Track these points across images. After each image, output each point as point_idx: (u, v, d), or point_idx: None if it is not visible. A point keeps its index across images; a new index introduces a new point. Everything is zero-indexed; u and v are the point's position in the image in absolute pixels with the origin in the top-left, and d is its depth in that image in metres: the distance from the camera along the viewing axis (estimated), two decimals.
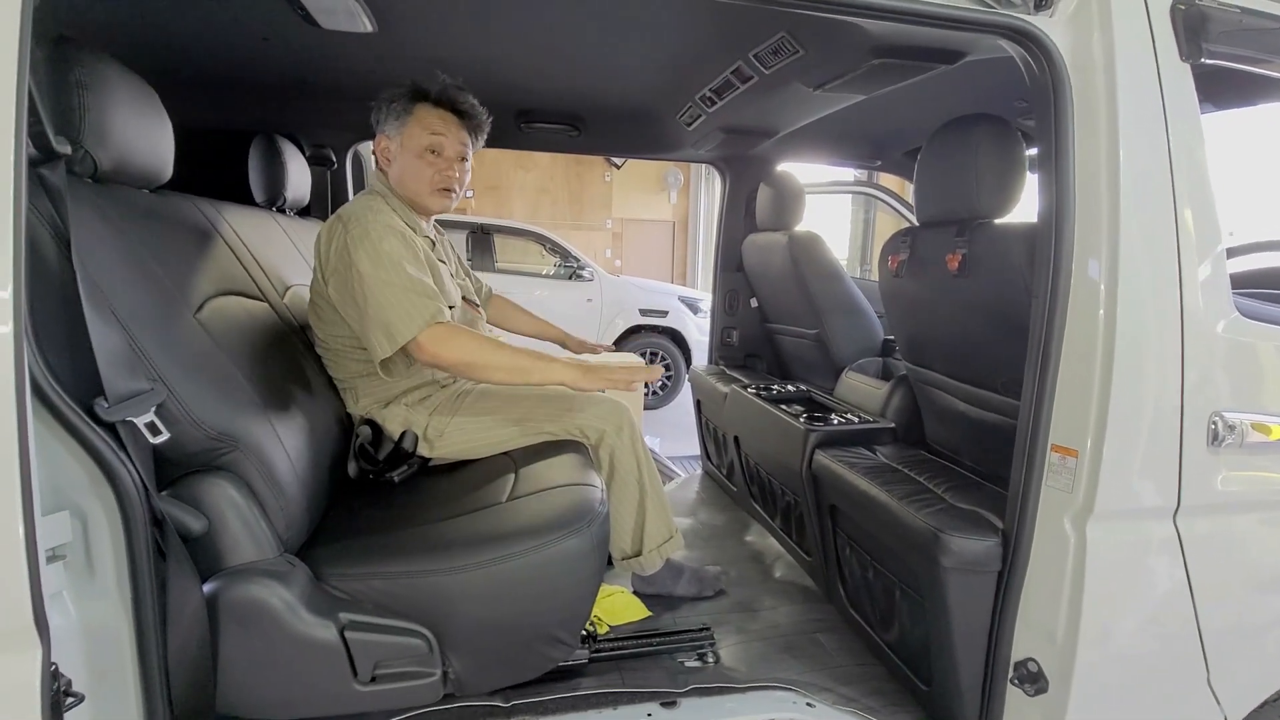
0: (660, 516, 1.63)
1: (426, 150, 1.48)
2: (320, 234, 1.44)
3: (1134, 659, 1.13)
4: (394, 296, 1.31)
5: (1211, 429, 1.08)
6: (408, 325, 1.30)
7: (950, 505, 1.28)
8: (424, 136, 1.48)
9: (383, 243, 1.34)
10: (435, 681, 1.14)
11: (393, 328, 1.30)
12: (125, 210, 1.05)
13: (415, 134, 1.48)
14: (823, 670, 1.47)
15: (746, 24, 1.41)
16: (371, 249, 1.33)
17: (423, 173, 1.49)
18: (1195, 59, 1.06)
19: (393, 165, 1.52)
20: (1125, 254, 1.02)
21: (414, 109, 1.48)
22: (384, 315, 1.31)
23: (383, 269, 1.32)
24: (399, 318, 1.30)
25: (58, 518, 0.84)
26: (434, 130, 1.48)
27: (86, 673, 0.88)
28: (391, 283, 1.31)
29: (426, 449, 1.51)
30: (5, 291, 0.71)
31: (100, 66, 0.98)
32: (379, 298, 1.31)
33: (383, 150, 1.52)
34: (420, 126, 1.48)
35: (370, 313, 1.32)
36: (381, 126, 1.51)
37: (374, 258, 1.32)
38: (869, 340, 2.29)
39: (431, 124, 1.48)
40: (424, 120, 1.48)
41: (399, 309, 1.30)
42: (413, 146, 1.48)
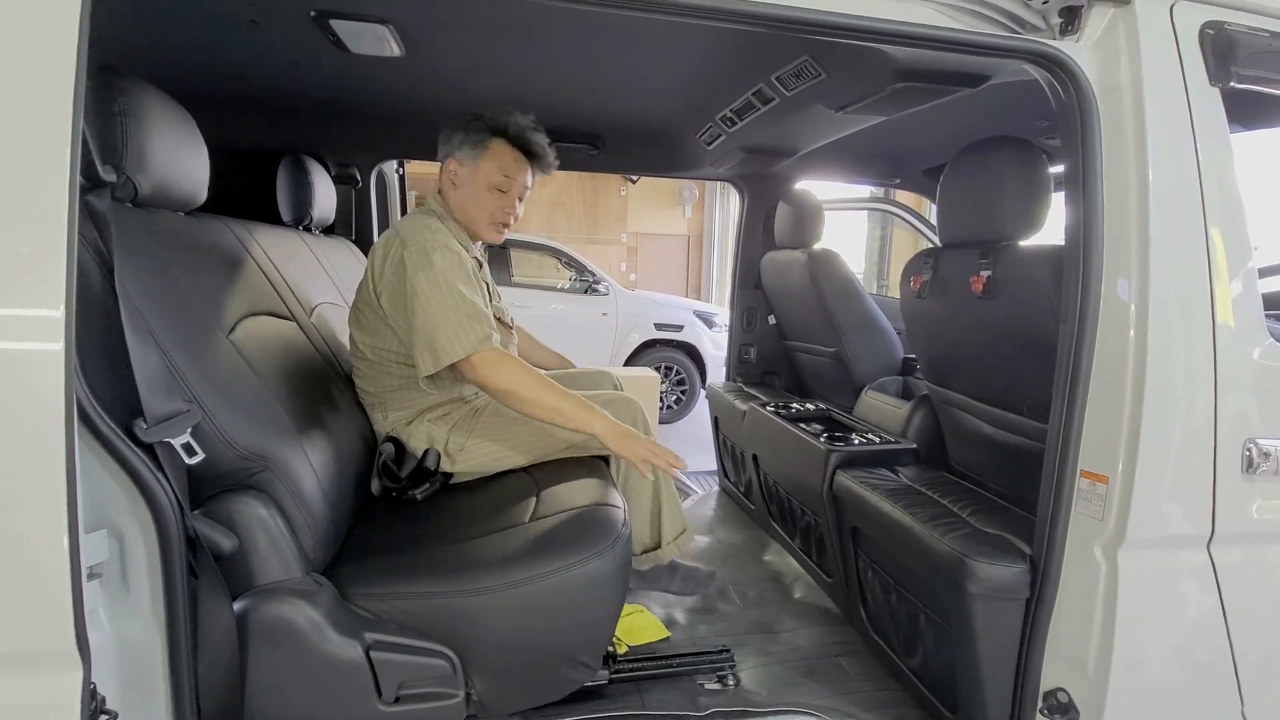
0: (674, 509, 1.67)
1: (495, 187, 1.53)
2: (376, 247, 1.47)
3: (1167, 690, 1.10)
4: (446, 317, 1.35)
5: (1246, 456, 1.06)
6: (456, 346, 1.34)
7: (976, 529, 1.26)
8: (495, 173, 1.52)
9: (440, 261, 1.38)
10: (458, 703, 1.14)
11: (439, 347, 1.34)
12: (163, 233, 1.08)
13: (488, 168, 1.52)
14: (845, 695, 1.45)
15: (769, 48, 1.43)
16: (429, 267, 1.37)
17: (486, 205, 1.54)
18: (1224, 82, 1.06)
19: (458, 190, 1.55)
20: (1156, 275, 1.01)
21: (490, 143, 1.52)
22: (432, 333, 1.35)
23: (438, 288, 1.36)
24: (448, 338, 1.34)
25: (96, 536, 0.85)
26: (506, 170, 1.53)
27: (119, 689, 0.89)
28: (445, 303, 1.35)
29: (448, 464, 1.52)
30: (57, 311, 0.73)
31: (141, 95, 1.01)
32: (431, 316, 1.35)
33: (450, 173, 1.55)
34: (494, 162, 1.52)
35: (420, 329, 1.36)
36: (453, 151, 1.54)
37: (430, 276, 1.36)
38: (889, 359, 2.28)
39: (506, 163, 1.53)
40: (499, 157, 1.52)
41: (449, 329, 1.34)
42: (483, 179, 1.52)
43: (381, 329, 1.48)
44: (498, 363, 1.36)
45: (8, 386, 0.72)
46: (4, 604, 0.74)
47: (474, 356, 1.34)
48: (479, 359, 1.35)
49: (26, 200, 0.72)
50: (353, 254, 2.30)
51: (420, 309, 1.35)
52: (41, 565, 0.74)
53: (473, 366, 1.35)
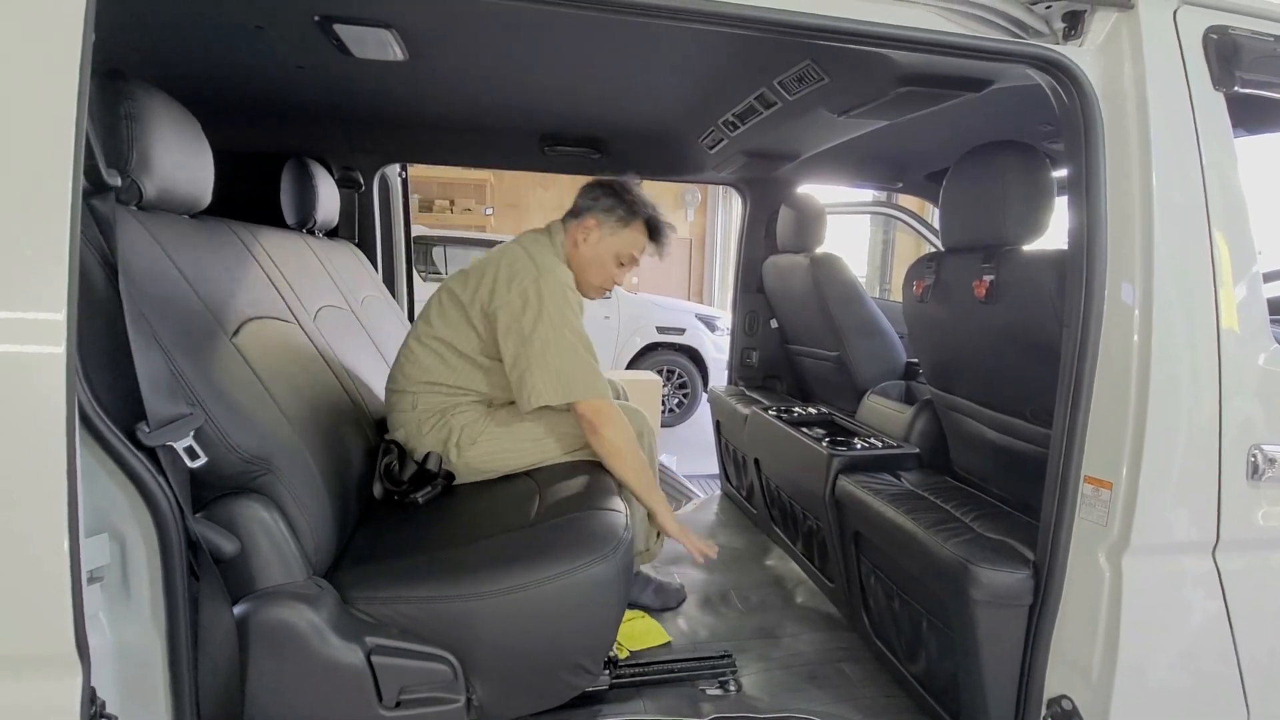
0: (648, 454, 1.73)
1: (621, 260, 1.65)
2: (499, 262, 1.52)
3: (1172, 698, 1.10)
4: (577, 359, 1.45)
5: (1251, 462, 1.05)
6: (585, 390, 1.45)
7: (979, 535, 1.26)
8: (628, 250, 1.65)
9: (575, 303, 1.49)
10: (459, 708, 1.13)
11: (573, 385, 1.44)
12: (168, 236, 1.08)
13: (622, 244, 1.63)
14: (847, 701, 1.45)
15: (771, 52, 1.43)
16: (564, 306, 1.46)
17: (606, 273, 1.65)
18: (1228, 87, 1.06)
19: (585, 245, 1.62)
20: (1160, 279, 1.01)
21: (633, 223, 1.63)
22: (566, 371, 1.44)
23: (569, 329, 1.46)
24: (582, 381, 1.45)
25: (97, 540, 0.85)
26: (638, 251, 1.67)
27: (119, 693, 0.89)
28: (575, 346, 1.45)
29: (455, 455, 1.52)
30: (59, 314, 0.73)
31: (147, 98, 1.02)
32: (564, 354, 1.44)
33: (587, 229, 1.61)
34: (630, 243, 1.64)
35: (551, 364, 1.43)
36: (595, 212, 1.62)
37: (563, 315, 1.45)
38: (891, 363, 2.27)
39: (641, 245, 1.66)
40: (635, 239, 1.65)
41: (584, 373, 1.45)
42: (614, 249, 1.63)
43: (463, 327, 1.53)
44: (614, 418, 1.48)
45: (9, 389, 0.72)
46: (4, 607, 0.74)
47: (595, 402, 1.46)
48: (596, 407, 1.46)
49: (29, 203, 0.73)
50: (356, 257, 2.31)
51: (554, 344, 1.43)
52: (42, 568, 0.74)
53: (597, 411, 1.46)
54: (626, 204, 1.61)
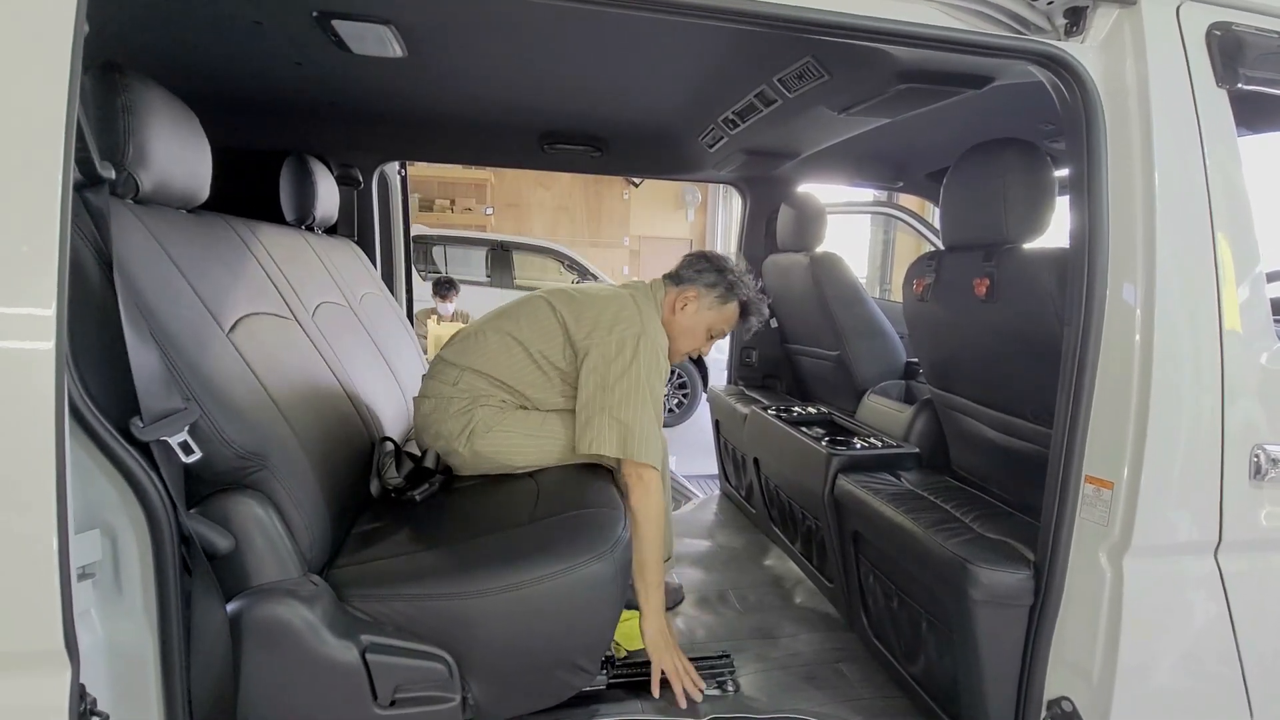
0: (666, 537, 1.70)
1: (713, 334, 1.71)
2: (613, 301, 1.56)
3: (1174, 700, 1.09)
4: (647, 420, 1.46)
5: (1254, 462, 1.05)
6: (645, 451, 1.45)
7: (979, 535, 1.25)
8: (722, 326, 1.70)
9: (662, 369, 1.52)
10: (455, 707, 1.12)
11: (634, 440, 1.44)
12: (164, 231, 1.08)
13: (717, 320, 1.68)
14: (845, 702, 1.44)
15: (771, 48, 1.42)
16: (654, 369, 1.49)
17: (695, 343, 1.70)
18: (1231, 84, 1.05)
19: (683, 314, 1.66)
20: (1162, 278, 1.00)
21: (731, 302, 1.68)
22: (631, 427, 1.44)
23: (651, 390, 1.48)
24: (643, 439, 1.44)
25: (88, 536, 0.84)
26: (728, 327, 1.72)
27: (111, 691, 0.88)
28: (649, 408, 1.47)
29: (465, 443, 1.52)
30: (48, 310, 0.72)
31: (144, 91, 1.01)
32: (637, 411, 1.45)
33: (687, 299, 1.66)
34: (725, 319, 1.69)
35: (621, 415, 1.45)
36: (697, 285, 1.66)
37: (650, 377, 1.48)
38: (891, 363, 2.27)
39: (732, 321, 1.71)
40: (730, 316, 1.70)
41: (645, 433, 1.45)
42: (709, 323, 1.68)
43: (556, 341, 1.55)
44: (656, 490, 1.48)
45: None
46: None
47: (649, 471, 1.46)
48: (651, 475, 1.46)
49: (18, 196, 0.72)
50: (355, 254, 2.30)
51: (633, 400, 1.45)
52: (30, 564, 0.73)
53: (641, 478, 1.46)
54: (728, 283, 1.66)
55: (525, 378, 1.56)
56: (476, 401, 1.54)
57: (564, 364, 1.54)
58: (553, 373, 1.56)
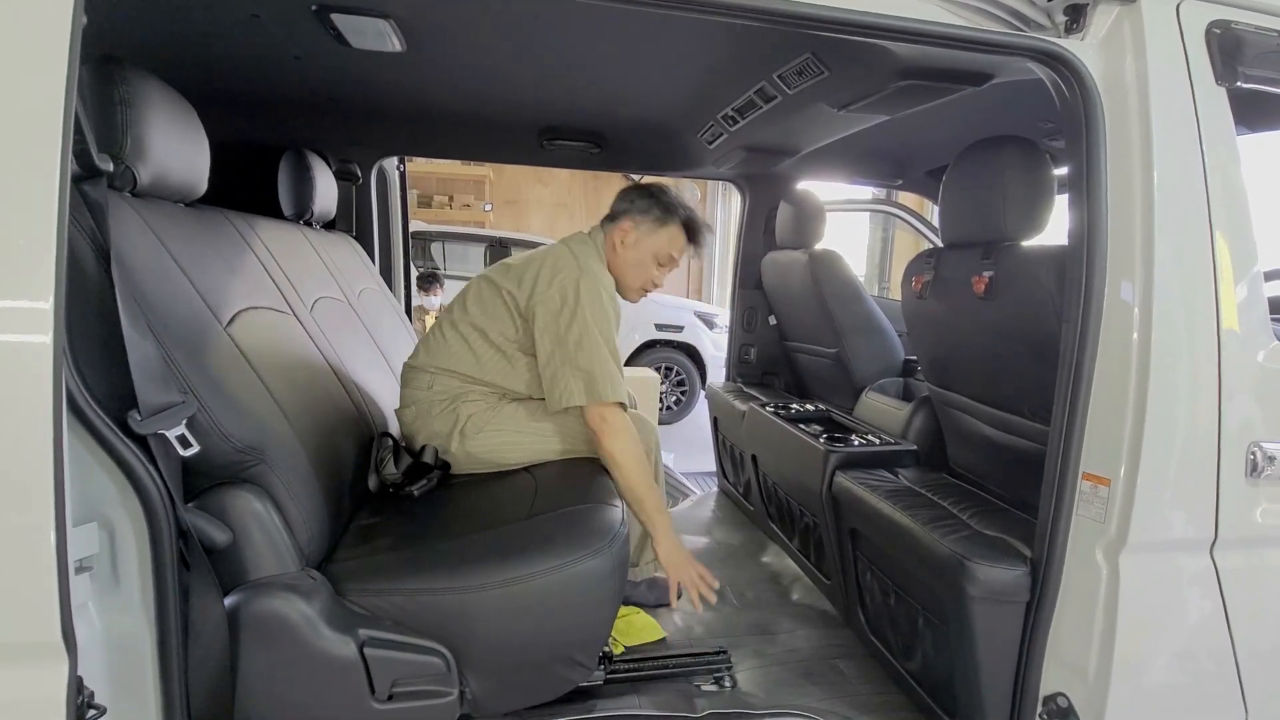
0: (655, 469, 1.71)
1: (659, 262, 1.65)
2: (543, 260, 1.53)
3: (1169, 697, 1.09)
4: (604, 361, 1.44)
5: (1250, 459, 1.05)
6: (609, 391, 1.44)
7: (976, 532, 1.25)
8: (666, 249, 1.65)
9: (608, 306, 1.49)
10: (452, 701, 1.13)
11: (597, 384, 1.43)
12: (162, 224, 1.07)
13: (660, 244, 1.63)
14: (842, 698, 1.44)
15: (771, 45, 1.42)
16: (600, 307, 1.47)
17: (644, 274, 1.65)
18: (1231, 82, 1.05)
19: (624, 249, 1.63)
20: (1160, 277, 1.00)
21: (669, 222, 1.63)
22: (592, 371, 1.43)
23: (603, 330, 1.46)
24: (605, 380, 1.43)
25: (86, 529, 0.84)
26: (676, 250, 1.66)
27: (108, 684, 0.88)
28: (605, 347, 1.45)
29: (459, 444, 1.52)
30: (46, 303, 0.72)
31: (142, 84, 1.01)
32: (593, 354, 1.44)
33: (622, 231, 1.63)
34: (668, 242, 1.64)
35: (580, 362, 1.44)
36: (631, 214, 1.63)
37: (598, 316, 1.45)
38: (890, 360, 2.27)
39: (678, 245, 1.66)
40: (674, 239, 1.65)
41: (606, 373, 1.44)
42: (653, 250, 1.63)
43: (505, 318, 1.53)
44: (626, 430, 1.46)
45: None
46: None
47: (608, 411, 1.44)
48: (611, 414, 1.45)
49: (16, 188, 0.72)
50: (353, 249, 2.30)
51: (587, 344, 1.44)
52: (28, 556, 0.73)
53: (606, 419, 1.44)
54: (662, 205, 1.62)
55: (491, 367, 1.55)
56: (457, 400, 1.54)
57: (521, 337, 1.53)
58: (514, 352, 1.54)
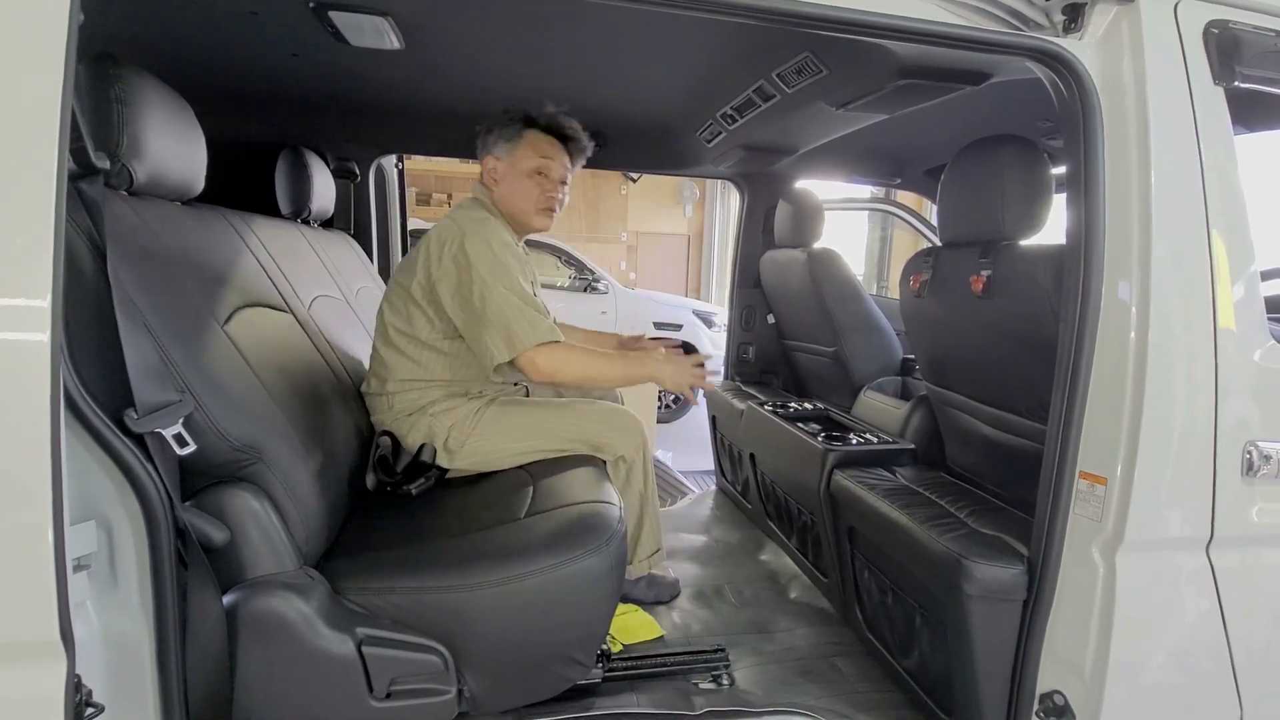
0: (653, 530, 1.70)
1: (535, 172, 1.57)
2: (430, 237, 1.50)
3: (1165, 695, 1.10)
4: (515, 308, 1.40)
5: (1246, 459, 1.05)
6: (529, 335, 1.40)
7: (973, 530, 1.26)
8: (533, 159, 1.56)
9: (503, 253, 1.43)
10: (450, 699, 1.13)
11: (514, 335, 1.39)
12: (159, 222, 1.07)
13: (525, 156, 1.56)
14: (840, 696, 1.44)
15: (770, 44, 1.42)
16: (492, 257, 1.42)
17: (530, 193, 1.58)
18: (1228, 82, 1.05)
19: (499, 185, 1.59)
20: (1157, 276, 1.00)
21: (524, 133, 1.57)
22: (506, 322, 1.39)
23: (502, 280, 1.41)
24: (521, 328, 1.40)
25: (84, 527, 0.84)
26: (543, 154, 1.57)
27: (106, 683, 0.88)
28: (510, 294, 1.40)
29: (447, 459, 1.52)
30: (44, 301, 0.72)
31: (138, 82, 1.00)
32: (501, 306, 1.39)
33: (490, 170, 1.59)
34: (530, 150, 1.56)
35: (491, 317, 1.40)
36: (490, 149, 1.59)
37: (495, 266, 1.41)
38: (888, 359, 2.27)
39: (541, 148, 1.57)
40: (534, 144, 1.57)
41: (521, 319, 1.40)
42: (522, 168, 1.56)
43: (414, 314, 1.51)
44: (567, 357, 1.44)
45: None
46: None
47: (538, 356, 1.41)
48: (544, 357, 1.41)
49: (13, 186, 0.71)
50: (351, 248, 2.29)
51: (492, 299, 1.40)
52: (26, 555, 0.73)
53: (535, 365, 1.41)
54: (504, 121, 1.57)
55: (435, 366, 1.53)
56: (424, 410, 1.53)
57: (444, 325, 1.50)
58: (445, 343, 1.52)
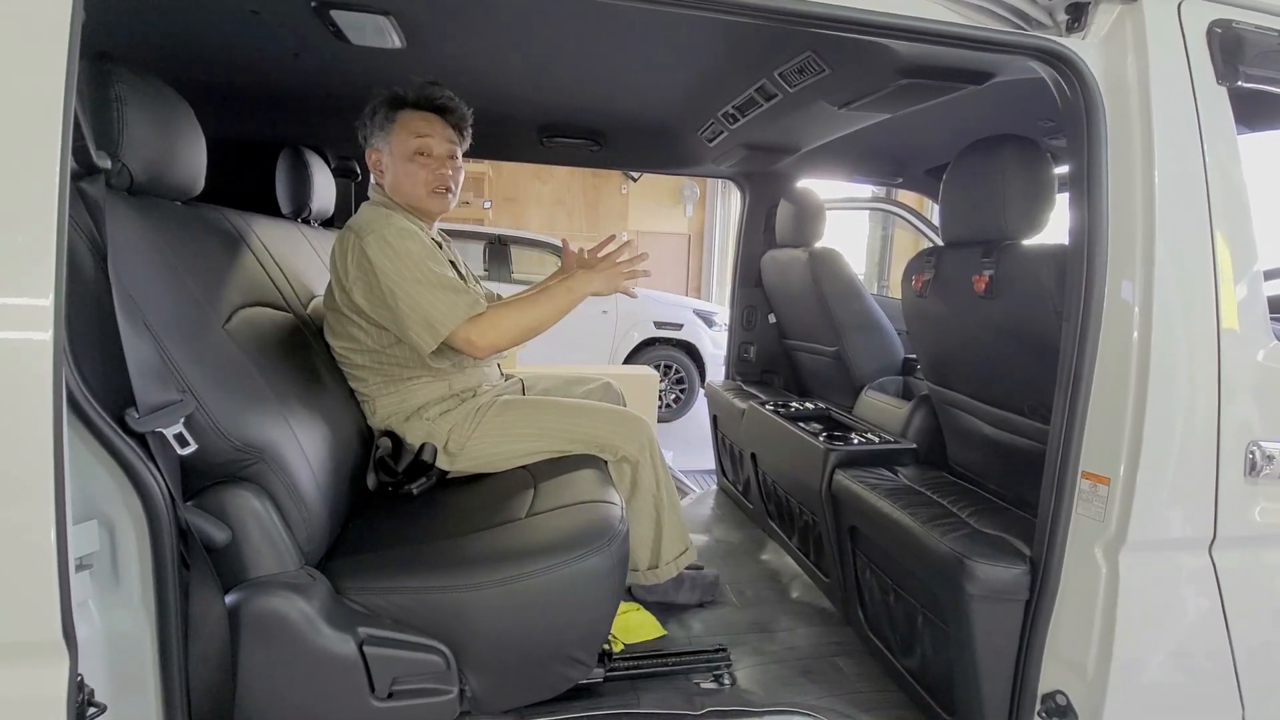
0: (676, 530, 1.65)
1: (415, 153, 1.50)
2: (334, 249, 1.47)
3: (1167, 695, 1.10)
4: (427, 293, 1.36)
5: (1249, 459, 1.05)
6: (449, 318, 1.35)
7: (975, 530, 1.25)
8: (410, 140, 1.49)
9: (401, 244, 1.38)
10: (452, 699, 1.13)
11: (434, 321, 1.35)
12: (159, 222, 1.07)
13: (402, 139, 1.49)
14: (841, 695, 1.44)
15: (772, 43, 1.41)
16: (391, 252, 1.37)
17: (416, 175, 1.51)
18: (1232, 81, 1.05)
19: (387, 175, 1.53)
20: (1160, 276, 1.00)
21: (396, 116, 1.50)
22: (422, 311, 1.35)
23: (409, 269, 1.36)
24: (438, 312, 1.35)
25: (86, 527, 0.84)
26: (419, 133, 1.50)
27: (109, 682, 0.88)
28: (420, 280, 1.36)
29: (447, 462, 1.51)
30: (46, 300, 0.72)
31: (138, 81, 1.00)
32: (413, 296, 1.35)
33: (375, 163, 1.54)
34: (405, 131, 1.50)
35: (405, 311, 1.36)
36: (370, 141, 1.54)
37: (395, 259, 1.36)
38: (889, 358, 2.27)
39: (416, 127, 1.50)
40: (408, 124, 1.50)
41: (436, 304, 1.35)
42: (401, 152, 1.50)
43: (352, 330, 1.48)
44: (496, 321, 1.39)
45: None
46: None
47: (471, 333, 1.36)
48: (475, 332, 1.37)
49: (16, 187, 0.71)
50: None
51: (401, 292, 1.36)
52: (28, 555, 0.73)
53: (471, 343, 1.37)
54: (372, 108, 1.51)
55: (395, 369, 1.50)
56: (420, 415, 1.52)
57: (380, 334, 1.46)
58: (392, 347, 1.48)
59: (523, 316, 1.41)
